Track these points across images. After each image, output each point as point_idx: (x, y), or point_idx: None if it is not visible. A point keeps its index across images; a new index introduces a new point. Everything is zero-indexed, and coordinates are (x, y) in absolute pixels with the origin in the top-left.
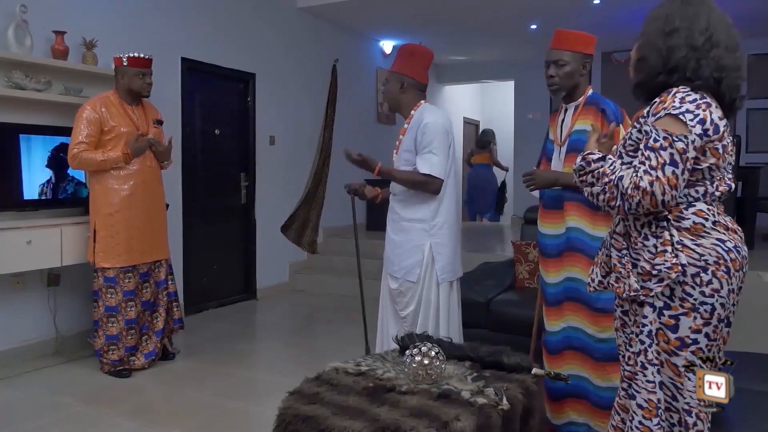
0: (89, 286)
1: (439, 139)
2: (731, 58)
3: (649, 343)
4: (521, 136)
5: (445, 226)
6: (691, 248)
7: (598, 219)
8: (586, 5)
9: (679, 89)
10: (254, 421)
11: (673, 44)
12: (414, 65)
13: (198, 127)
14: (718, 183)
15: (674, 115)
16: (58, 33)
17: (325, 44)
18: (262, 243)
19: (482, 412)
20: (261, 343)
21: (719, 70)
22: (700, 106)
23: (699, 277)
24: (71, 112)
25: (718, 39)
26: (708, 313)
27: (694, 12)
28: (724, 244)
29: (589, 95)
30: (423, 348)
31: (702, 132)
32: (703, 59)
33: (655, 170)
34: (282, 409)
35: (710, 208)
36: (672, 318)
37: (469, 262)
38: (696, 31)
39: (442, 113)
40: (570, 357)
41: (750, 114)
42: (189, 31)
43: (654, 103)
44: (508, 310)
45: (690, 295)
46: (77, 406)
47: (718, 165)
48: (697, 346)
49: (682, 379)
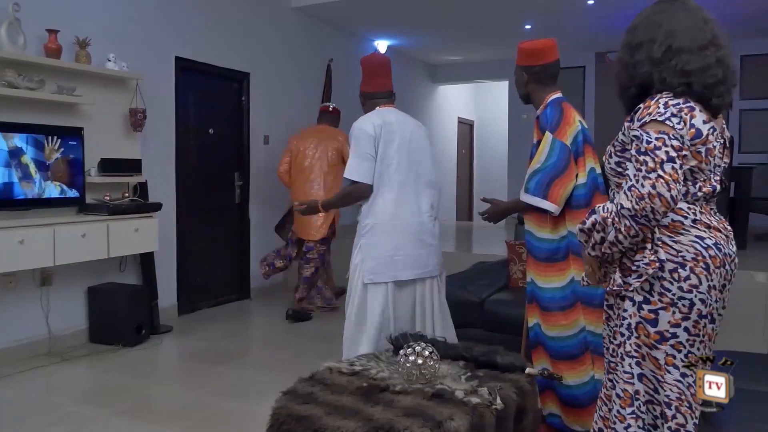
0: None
1: (358, 142)
2: (698, 60)
3: (628, 335)
4: (515, 136)
5: (377, 227)
6: (669, 245)
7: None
8: (579, 5)
9: (662, 95)
10: (248, 421)
11: (637, 60)
12: (366, 79)
13: (192, 126)
14: (701, 184)
15: (660, 121)
16: (51, 31)
17: (320, 44)
18: (256, 242)
19: (476, 412)
20: (255, 343)
21: (684, 75)
22: (682, 110)
23: (677, 272)
24: (64, 110)
25: (681, 45)
26: (686, 308)
27: (657, 21)
28: (703, 241)
29: (547, 102)
30: (417, 348)
31: (685, 134)
32: (664, 71)
33: (654, 171)
34: (276, 409)
35: (690, 207)
36: (651, 312)
37: (463, 261)
38: (656, 43)
39: (372, 117)
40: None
41: (743, 114)
42: (183, 30)
43: (638, 108)
44: (502, 310)
45: (668, 290)
46: (71, 406)
47: (701, 168)
48: (676, 340)
49: (662, 372)
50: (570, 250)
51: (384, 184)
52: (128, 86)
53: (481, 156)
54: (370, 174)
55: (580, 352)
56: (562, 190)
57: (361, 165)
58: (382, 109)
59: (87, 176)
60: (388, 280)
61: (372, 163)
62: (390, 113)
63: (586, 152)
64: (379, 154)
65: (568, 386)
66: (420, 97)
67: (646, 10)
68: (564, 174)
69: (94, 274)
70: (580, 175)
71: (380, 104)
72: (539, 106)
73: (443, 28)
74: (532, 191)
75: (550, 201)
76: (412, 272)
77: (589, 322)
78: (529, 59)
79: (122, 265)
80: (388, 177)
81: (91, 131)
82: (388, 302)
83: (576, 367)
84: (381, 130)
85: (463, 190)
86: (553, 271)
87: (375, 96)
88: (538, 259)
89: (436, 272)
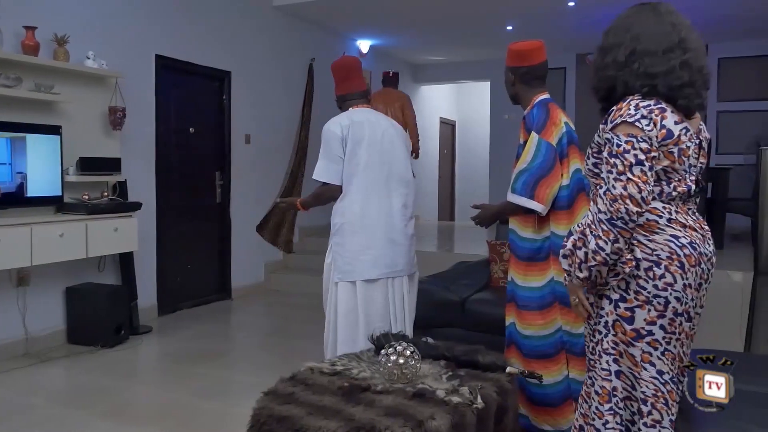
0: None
1: (325, 144)
2: (662, 63)
3: (605, 333)
4: (497, 137)
5: (346, 227)
6: (645, 243)
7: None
8: (561, 7)
9: (633, 97)
10: (229, 422)
11: (606, 63)
12: (335, 84)
13: (172, 125)
14: (675, 184)
15: (630, 123)
16: (29, 28)
17: (302, 43)
18: (237, 242)
19: (457, 411)
20: (236, 344)
21: (648, 77)
22: (653, 111)
23: (652, 271)
24: (42, 109)
25: (645, 48)
26: (662, 306)
27: (627, 26)
28: (678, 240)
29: (534, 103)
30: (398, 347)
31: (655, 136)
32: (626, 75)
33: (624, 174)
34: (256, 410)
35: (666, 207)
36: (628, 310)
37: (444, 261)
38: (622, 47)
39: (341, 117)
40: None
41: (720, 116)
42: (163, 28)
43: (611, 111)
44: (483, 310)
45: (644, 288)
46: (49, 407)
47: (674, 168)
48: (652, 338)
49: (639, 369)
50: (552, 250)
51: (353, 183)
52: (108, 84)
53: (462, 156)
54: (338, 175)
55: (555, 351)
56: (549, 190)
57: (329, 166)
58: (353, 110)
59: (65, 175)
60: (357, 278)
61: (340, 164)
62: (360, 113)
63: (570, 153)
64: (347, 154)
65: (541, 385)
66: None
67: (620, 15)
68: (550, 174)
69: (73, 274)
70: (564, 176)
71: (354, 105)
72: (527, 106)
73: (425, 28)
74: (519, 191)
75: (536, 201)
76: (381, 271)
77: (566, 322)
78: (516, 60)
79: (101, 265)
80: (357, 176)
81: (69, 130)
82: (358, 301)
83: (550, 366)
84: (348, 131)
85: (445, 190)
86: (534, 271)
87: (348, 98)
88: (520, 258)
89: (406, 272)
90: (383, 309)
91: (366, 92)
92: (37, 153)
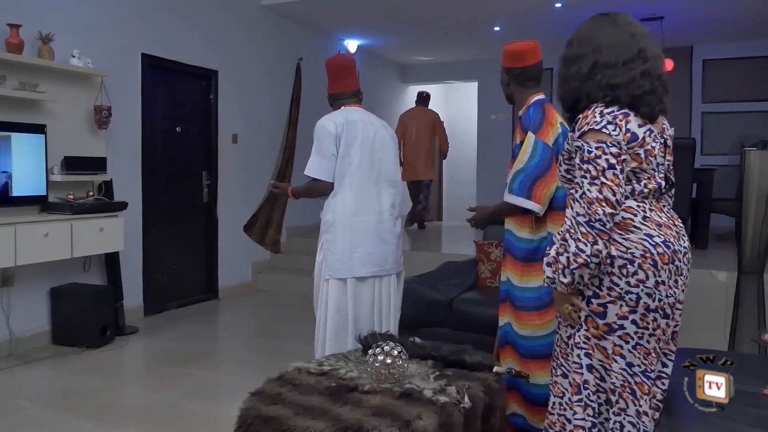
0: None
1: (319, 140)
2: (624, 74)
3: (578, 328)
4: (484, 137)
5: (337, 224)
6: (620, 242)
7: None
8: (547, 9)
9: (597, 104)
10: (216, 423)
11: (570, 73)
12: (328, 82)
13: (159, 124)
14: (646, 182)
15: (597, 130)
16: (13, 26)
17: (290, 42)
18: (224, 242)
19: (444, 411)
20: (223, 344)
21: (611, 88)
22: (617, 117)
23: (626, 268)
24: (27, 107)
25: (606, 60)
26: (633, 301)
27: (588, 37)
28: (652, 239)
29: (530, 103)
30: (386, 347)
31: (622, 140)
32: (589, 86)
33: (598, 178)
34: (243, 410)
35: (640, 205)
36: (600, 306)
37: (431, 261)
38: (585, 59)
39: (335, 115)
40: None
41: (704, 117)
42: (150, 27)
43: (578, 119)
44: (471, 309)
45: (617, 284)
46: (34, 409)
47: (643, 168)
48: (623, 332)
49: (610, 361)
50: None
51: (345, 181)
52: (93, 83)
53: (450, 156)
54: (330, 172)
55: (551, 351)
56: (546, 191)
57: (322, 163)
58: (347, 108)
59: (50, 174)
60: (347, 276)
61: (332, 161)
62: (354, 112)
63: None
64: (340, 152)
65: (538, 385)
66: (390, 97)
67: (581, 25)
68: (547, 174)
69: (57, 275)
70: None
71: (346, 104)
72: (522, 107)
73: (413, 29)
74: (516, 192)
75: (534, 201)
76: (371, 269)
77: None
78: (511, 61)
79: (86, 265)
80: (350, 175)
81: (54, 129)
82: (348, 299)
83: (547, 366)
84: (343, 129)
85: (432, 190)
86: (532, 271)
87: (341, 96)
88: (517, 259)
89: (394, 270)
90: (371, 307)
91: (358, 92)
92: (21, 152)
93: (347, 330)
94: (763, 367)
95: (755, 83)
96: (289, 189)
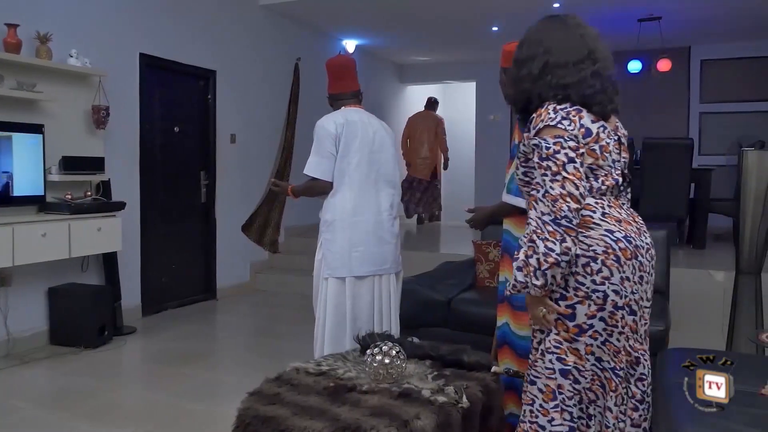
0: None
1: (318, 140)
2: (574, 74)
3: (547, 332)
4: (482, 137)
5: (337, 223)
6: (581, 240)
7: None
8: (546, 8)
9: (549, 102)
10: (214, 423)
11: (522, 75)
12: (332, 81)
13: (157, 124)
14: (603, 179)
15: (553, 126)
16: (11, 26)
17: (288, 42)
18: (222, 242)
19: (442, 411)
20: (221, 344)
21: (562, 88)
22: (570, 113)
23: (589, 266)
24: (24, 107)
25: (556, 61)
26: (601, 299)
27: (539, 39)
28: (613, 235)
29: None
30: (384, 347)
31: (578, 134)
32: (540, 87)
33: (559, 174)
34: (242, 410)
35: (598, 202)
36: (569, 307)
37: (430, 261)
38: (535, 60)
39: (336, 115)
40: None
41: (702, 117)
42: (148, 27)
43: (532, 119)
44: (469, 309)
45: (582, 284)
46: (31, 409)
47: (599, 164)
48: (593, 330)
49: (583, 362)
50: None
51: (344, 181)
52: (91, 83)
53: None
54: (329, 172)
55: None
56: None
57: (321, 163)
58: (347, 109)
59: (48, 174)
60: (346, 275)
61: (332, 161)
62: (354, 113)
63: None
64: (340, 152)
65: None
66: (388, 97)
67: (532, 28)
68: None
69: (55, 275)
70: None
71: (347, 104)
72: None
73: (411, 29)
74: (514, 192)
75: None
76: (370, 268)
77: None
78: (509, 61)
79: (84, 265)
80: (349, 175)
81: (52, 128)
82: (347, 297)
83: None
84: (343, 129)
85: None
86: None
87: (341, 97)
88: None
89: (393, 270)
90: (370, 306)
91: (358, 92)
92: (19, 152)
93: (346, 329)
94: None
95: (753, 83)
96: (289, 188)
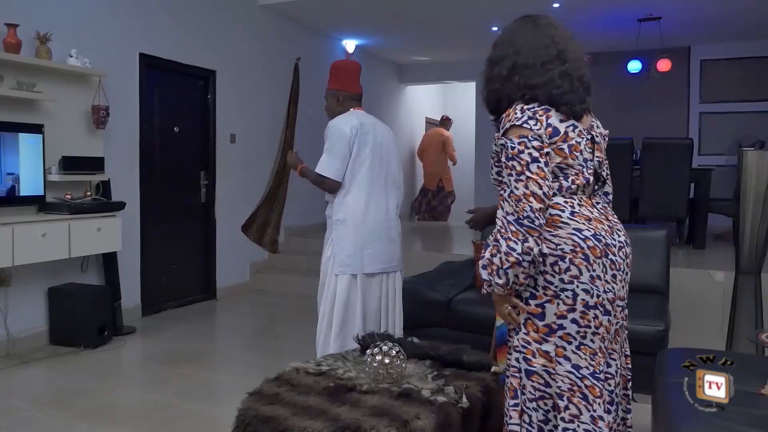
0: (42, 287)
1: (333, 140)
2: (541, 75)
3: (516, 331)
4: (482, 137)
5: (349, 222)
6: (549, 239)
7: None
8: (545, 8)
9: (518, 102)
10: (213, 423)
11: (494, 75)
12: (345, 80)
13: (157, 124)
14: (573, 178)
15: (518, 125)
16: (10, 26)
17: (288, 42)
18: (222, 242)
19: (442, 411)
20: (221, 344)
21: (529, 88)
22: (537, 112)
23: (557, 265)
24: (24, 107)
25: (524, 62)
26: (570, 299)
27: (510, 39)
28: (581, 233)
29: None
30: (384, 347)
31: (543, 134)
32: (509, 87)
33: (523, 173)
34: (241, 410)
35: (567, 201)
36: (538, 306)
37: (429, 261)
38: (505, 60)
39: (350, 118)
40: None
41: (702, 117)
42: (148, 26)
43: (501, 118)
44: (469, 309)
45: (551, 283)
46: (31, 409)
47: (568, 163)
48: (564, 332)
49: (554, 365)
50: None
51: (357, 182)
52: (91, 83)
53: None
54: (340, 172)
55: None
56: None
57: (333, 162)
58: (356, 111)
59: (48, 174)
60: (357, 272)
61: (344, 162)
62: (364, 116)
63: None
64: (353, 154)
65: None
66: (388, 97)
67: (505, 28)
68: None
69: (55, 275)
70: None
71: (354, 106)
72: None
73: (411, 29)
74: None
75: None
76: (379, 266)
77: None
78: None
79: (84, 265)
80: (361, 176)
81: (52, 128)
82: (358, 294)
83: None
84: (357, 131)
85: None
86: None
87: (354, 97)
88: None
89: (399, 267)
90: (379, 302)
91: (361, 95)
92: (20, 152)
93: (354, 325)
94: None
95: (753, 83)
96: (300, 166)
